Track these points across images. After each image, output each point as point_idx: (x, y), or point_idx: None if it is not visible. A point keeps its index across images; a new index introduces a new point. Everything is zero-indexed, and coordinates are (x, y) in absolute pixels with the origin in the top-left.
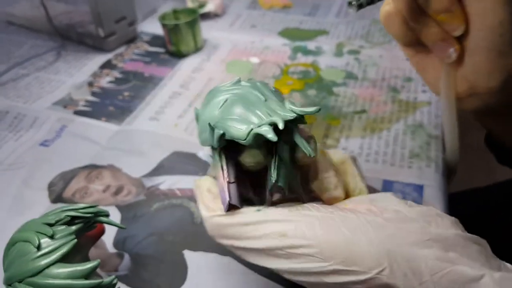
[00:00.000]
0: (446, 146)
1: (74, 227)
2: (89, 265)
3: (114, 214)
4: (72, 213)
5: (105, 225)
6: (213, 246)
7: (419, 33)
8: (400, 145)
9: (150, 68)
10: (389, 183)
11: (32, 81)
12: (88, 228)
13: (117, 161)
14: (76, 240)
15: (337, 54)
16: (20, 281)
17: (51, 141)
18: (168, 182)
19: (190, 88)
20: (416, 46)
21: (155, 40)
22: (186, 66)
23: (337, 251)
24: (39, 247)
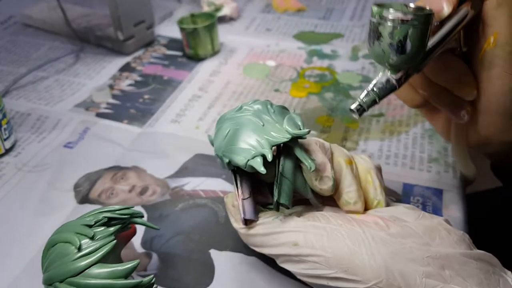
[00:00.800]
0: (463, 171)
1: (112, 229)
2: (129, 265)
3: None
4: (109, 214)
5: (136, 225)
6: (238, 246)
7: (428, 98)
8: (419, 148)
9: (169, 71)
10: (410, 186)
11: (52, 84)
12: (122, 229)
13: (141, 162)
14: (115, 241)
15: (352, 58)
16: (61, 281)
17: (74, 143)
18: (192, 184)
19: (209, 91)
20: (426, 105)
21: (172, 43)
22: (204, 69)
23: (341, 261)
24: (80, 248)
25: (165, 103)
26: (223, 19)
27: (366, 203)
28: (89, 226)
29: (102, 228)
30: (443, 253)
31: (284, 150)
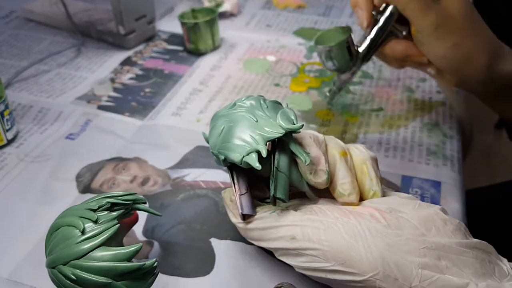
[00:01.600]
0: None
1: (115, 213)
2: (132, 248)
3: None
4: (112, 200)
5: (138, 213)
6: (239, 235)
7: (403, 66)
8: (418, 142)
9: (170, 66)
10: (408, 178)
11: (53, 77)
12: (125, 215)
13: (142, 154)
14: (119, 225)
15: None
16: (64, 264)
17: (76, 135)
18: (192, 175)
19: (209, 85)
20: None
21: (173, 38)
22: (205, 64)
23: (338, 254)
24: (83, 231)
25: (166, 96)
26: (223, 15)
27: (362, 193)
28: (93, 211)
29: (106, 213)
30: (439, 243)
31: (279, 144)
